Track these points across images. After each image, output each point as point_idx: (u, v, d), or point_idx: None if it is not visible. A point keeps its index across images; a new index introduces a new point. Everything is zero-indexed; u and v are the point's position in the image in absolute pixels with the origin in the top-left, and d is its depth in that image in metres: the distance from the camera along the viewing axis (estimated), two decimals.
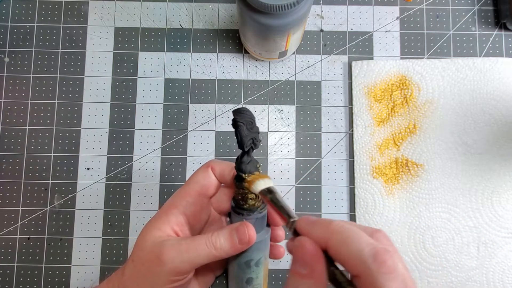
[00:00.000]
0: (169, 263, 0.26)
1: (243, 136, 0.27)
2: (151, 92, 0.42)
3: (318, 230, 0.21)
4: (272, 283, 0.39)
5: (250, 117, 0.27)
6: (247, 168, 0.28)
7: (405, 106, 0.41)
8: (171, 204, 0.29)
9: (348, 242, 0.20)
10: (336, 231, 0.21)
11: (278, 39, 0.35)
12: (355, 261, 0.19)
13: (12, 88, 0.42)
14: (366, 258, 0.19)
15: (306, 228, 0.22)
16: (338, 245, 0.20)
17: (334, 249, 0.20)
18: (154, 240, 0.27)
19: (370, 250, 0.19)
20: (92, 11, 0.43)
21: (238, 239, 0.27)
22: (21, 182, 0.41)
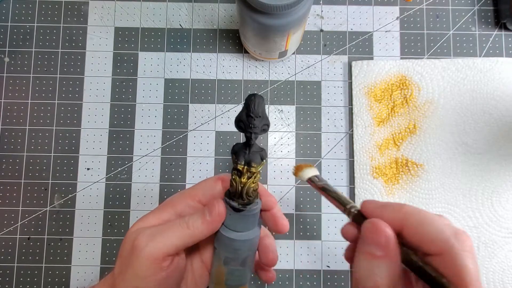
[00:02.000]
0: (143, 249, 0.25)
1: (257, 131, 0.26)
2: (151, 92, 0.42)
3: (391, 212, 0.22)
4: (272, 283, 0.39)
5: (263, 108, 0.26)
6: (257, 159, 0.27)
7: (405, 106, 0.41)
8: (170, 202, 0.29)
9: (428, 223, 0.20)
10: (411, 213, 0.21)
11: (278, 39, 0.35)
12: (438, 240, 0.20)
13: (12, 88, 0.42)
14: (448, 237, 0.20)
15: (376, 210, 0.23)
16: (419, 224, 0.21)
17: (412, 229, 0.21)
18: (133, 231, 0.27)
19: (451, 230, 0.20)
20: (92, 11, 0.43)
21: (208, 212, 0.27)
22: (21, 182, 0.41)
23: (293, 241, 0.40)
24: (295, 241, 0.40)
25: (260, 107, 0.25)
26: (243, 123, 0.26)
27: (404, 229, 0.21)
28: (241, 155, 0.27)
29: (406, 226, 0.21)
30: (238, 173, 0.27)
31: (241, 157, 0.27)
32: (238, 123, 0.26)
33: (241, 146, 0.27)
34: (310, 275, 0.40)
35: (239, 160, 0.27)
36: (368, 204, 0.23)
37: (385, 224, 0.21)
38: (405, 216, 0.21)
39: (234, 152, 0.27)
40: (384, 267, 0.20)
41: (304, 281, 0.40)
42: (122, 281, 0.27)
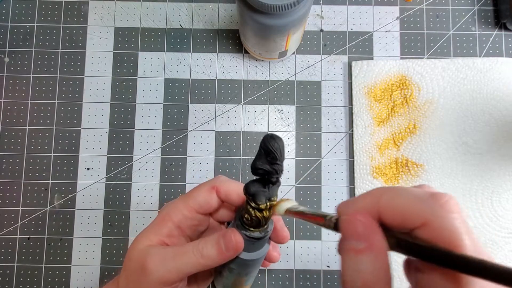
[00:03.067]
0: (154, 272, 0.25)
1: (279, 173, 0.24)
2: (151, 92, 0.42)
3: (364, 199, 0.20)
4: (272, 283, 0.39)
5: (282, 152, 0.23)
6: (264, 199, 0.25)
7: (405, 106, 0.41)
8: (166, 215, 0.29)
9: (402, 194, 0.19)
10: (384, 190, 0.19)
11: (278, 39, 0.35)
12: (417, 209, 0.18)
13: (12, 88, 0.42)
14: (428, 202, 0.18)
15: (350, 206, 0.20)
16: (393, 199, 0.19)
17: (389, 205, 0.19)
18: (141, 249, 0.27)
19: (427, 194, 0.18)
20: (92, 11, 0.43)
21: (225, 246, 0.26)
22: (21, 182, 0.41)
23: (293, 241, 0.40)
24: (295, 241, 0.40)
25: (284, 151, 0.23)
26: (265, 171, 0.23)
27: (381, 212, 0.19)
28: (261, 195, 0.25)
29: (382, 207, 0.19)
30: (259, 211, 0.25)
31: (262, 197, 0.25)
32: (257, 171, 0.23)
33: (259, 185, 0.25)
34: (310, 275, 0.40)
35: (260, 201, 0.25)
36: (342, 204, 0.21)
37: (361, 213, 0.19)
38: (379, 197, 0.19)
39: (252, 195, 0.25)
40: (370, 260, 0.18)
41: (304, 281, 0.40)
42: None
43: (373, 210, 0.19)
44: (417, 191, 0.19)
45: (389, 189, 0.19)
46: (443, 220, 0.17)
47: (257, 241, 0.27)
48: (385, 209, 0.19)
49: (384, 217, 0.19)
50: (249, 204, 0.25)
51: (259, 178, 0.25)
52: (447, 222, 0.17)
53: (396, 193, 0.19)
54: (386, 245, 0.19)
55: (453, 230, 0.17)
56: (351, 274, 0.18)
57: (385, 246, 0.19)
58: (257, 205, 0.25)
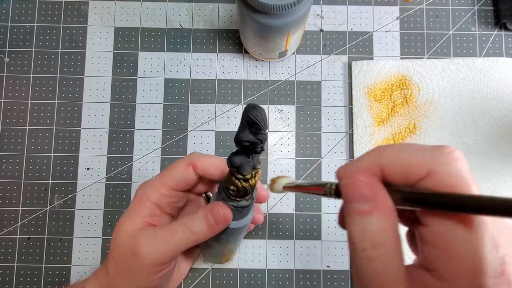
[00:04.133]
0: (147, 256, 0.26)
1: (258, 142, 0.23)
2: (151, 92, 0.42)
3: (365, 159, 0.19)
4: (272, 283, 0.39)
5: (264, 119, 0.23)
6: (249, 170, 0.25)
7: (405, 106, 0.41)
8: (144, 195, 0.28)
9: (404, 148, 0.18)
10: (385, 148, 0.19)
11: (278, 39, 0.35)
12: (420, 160, 0.17)
13: (12, 88, 0.42)
14: (432, 152, 0.17)
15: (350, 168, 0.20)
16: (395, 155, 0.18)
17: (392, 161, 0.18)
18: (128, 234, 0.27)
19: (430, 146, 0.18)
20: (92, 11, 0.43)
21: (214, 219, 0.26)
22: (21, 182, 0.41)
23: (293, 241, 0.40)
24: (295, 241, 0.40)
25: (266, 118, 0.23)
26: (250, 142, 0.23)
27: (384, 169, 0.18)
28: (246, 166, 0.25)
29: (384, 164, 0.18)
30: (245, 181, 0.25)
31: (248, 168, 0.25)
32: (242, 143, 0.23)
33: (243, 155, 0.25)
34: (310, 275, 0.40)
35: (246, 172, 0.25)
36: (342, 169, 0.20)
37: (363, 174, 0.19)
38: (380, 155, 0.19)
39: (237, 167, 0.25)
40: (377, 220, 0.17)
41: (304, 281, 0.40)
42: (121, 281, 0.27)
43: (375, 169, 0.19)
44: (419, 145, 0.18)
45: (391, 146, 0.19)
46: (449, 168, 0.17)
47: (244, 209, 0.27)
48: (388, 165, 0.18)
49: (387, 173, 0.18)
50: (234, 176, 0.25)
51: (242, 149, 0.24)
52: (453, 170, 0.17)
53: (399, 148, 0.18)
54: (392, 203, 0.18)
55: (460, 176, 0.17)
56: (360, 235, 0.18)
57: (392, 204, 0.18)
58: (243, 176, 0.25)
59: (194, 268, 0.39)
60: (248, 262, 0.40)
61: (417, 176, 0.18)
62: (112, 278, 0.27)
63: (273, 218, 0.41)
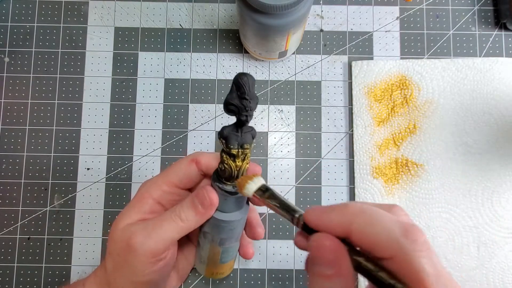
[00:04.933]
0: (140, 247, 0.26)
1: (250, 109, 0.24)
2: (151, 92, 0.42)
3: (335, 217, 0.20)
4: (272, 283, 0.39)
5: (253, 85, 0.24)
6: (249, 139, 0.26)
7: (405, 106, 0.41)
8: (145, 192, 0.28)
9: (374, 223, 0.19)
10: (357, 213, 0.19)
11: (278, 39, 0.35)
12: (385, 243, 0.18)
13: (12, 88, 0.42)
14: (398, 237, 0.18)
15: (319, 219, 0.20)
16: (364, 228, 0.19)
17: (360, 233, 0.19)
18: (123, 229, 0.27)
19: (399, 228, 0.18)
20: (92, 11, 0.43)
21: (200, 204, 0.26)
22: (21, 182, 0.41)
23: (293, 241, 0.40)
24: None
25: (253, 87, 0.24)
26: (235, 106, 0.24)
27: (351, 235, 0.19)
28: (233, 138, 0.25)
29: (353, 231, 0.19)
30: (231, 157, 0.25)
31: (234, 140, 0.25)
32: (228, 107, 0.24)
33: (232, 129, 0.25)
34: None
35: (232, 144, 0.25)
36: (311, 213, 0.21)
37: (329, 238, 0.19)
38: (350, 220, 0.19)
39: (225, 137, 0.25)
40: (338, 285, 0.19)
41: (304, 281, 0.40)
42: (119, 277, 0.27)
43: (343, 230, 0.19)
44: (388, 223, 0.19)
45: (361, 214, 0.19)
46: (411, 258, 0.18)
47: (229, 198, 0.27)
48: (355, 235, 0.19)
49: (353, 240, 0.19)
50: (223, 151, 0.26)
51: (233, 123, 0.25)
52: (414, 261, 0.18)
53: (368, 222, 0.19)
54: (352, 270, 0.19)
55: (419, 269, 0.18)
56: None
57: (352, 271, 0.19)
58: (228, 148, 0.25)
59: (194, 268, 0.39)
60: (248, 262, 0.40)
61: (380, 255, 0.19)
62: (110, 274, 0.27)
63: (273, 218, 0.41)
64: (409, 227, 0.18)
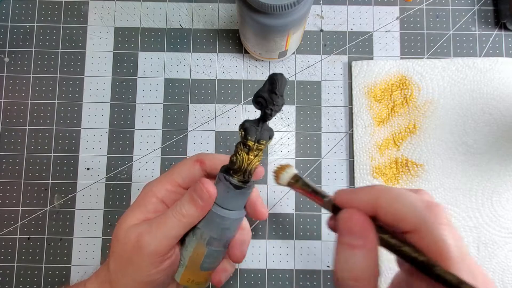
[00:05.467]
0: (146, 247, 0.26)
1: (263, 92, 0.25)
2: (151, 92, 0.42)
3: (363, 196, 0.21)
4: (272, 283, 0.39)
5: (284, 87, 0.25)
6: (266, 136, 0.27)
7: (405, 106, 0.41)
8: (149, 191, 0.29)
9: (400, 199, 0.20)
10: (383, 191, 0.20)
11: (278, 39, 0.35)
12: (410, 216, 0.19)
13: (12, 88, 0.42)
14: (421, 210, 0.19)
15: (348, 198, 0.22)
16: (390, 203, 0.20)
17: (386, 207, 0.20)
18: (128, 229, 0.27)
19: (423, 203, 0.19)
20: (92, 11, 0.43)
21: (199, 197, 0.27)
22: (21, 182, 0.41)
23: (293, 241, 0.40)
24: (295, 241, 0.40)
25: (284, 87, 0.25)
26: (263, 99, 0.25)
27: (378, 211, 0.20)
28: (252, 131, 0.26)
29: (379, 207, 0.20)
30: (246, 149, 0.26)
31: (253, 133, 0.26)
32: (257, 99, 0.25)
33: (253, 122, 0.26)
34: (310, 275, 0.40)
35: (250, 135, 0.26)
36: (341, 194, 0.22)
37: (358, 212, 0.21)
38: (377, 197, 0.20)
39: (245, 128, 0.26)
40: (362, 256, 0.20)
41: (304, 281, 0.40)
42: (122, 277, 0.27)
43: (370, 207, 0.21)
44: (413, 198, 0.20)
45: (388, 191, 0.21)
46: (433, 230, 0.19)
47: (232, 192, 0.27)
48: (382, 210, 0.20)
49: (380, 215, 0.20)
50: (239, 142, 0.26)
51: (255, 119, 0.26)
52: (436, 233, 0.19)
53: (394, 197, 0.20)
54: (377, 243, 0.20)
55: (441, 241, 0.19)
56: (343, 267, 0.20)
57: (377, 244, 0.20)
58: (246, 139, 0.26)
59: None
60: (248, 262, 0.40)
61: (404, 229, 0.20)
62: (113, 274, 0.28)
63: (273, 218, 0.41)
64: (432, 203, 0.19)
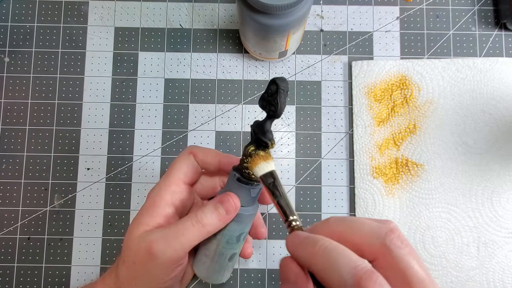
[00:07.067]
0: (162, 255, 0.26)
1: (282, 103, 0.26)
2: (151, 92, 0.42)
3: (302, 253, 0.21)
4: (272, 283, 0.39)
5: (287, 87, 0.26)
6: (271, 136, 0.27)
7: (405, 106, 0.41)
8: (156, 196, 0.29)
9: (331, 269, 0.19)
10: (320, 255, 0.20)
11: (278, 39, 0.35)
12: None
13: (12, 88, 0.42)
14: (348, 286, 0.18)
15: (291, 248, 0.22)
16: (321, 271, 0.20)
17: (317, 275, 0.20)
18: (140, 237, 0.27)
19: (351, 277, 0.18)
20: (92, 11, 0.43)
21: (225, 209, 0.27)
22: (21, 182, 0.41)
23: None
24: None
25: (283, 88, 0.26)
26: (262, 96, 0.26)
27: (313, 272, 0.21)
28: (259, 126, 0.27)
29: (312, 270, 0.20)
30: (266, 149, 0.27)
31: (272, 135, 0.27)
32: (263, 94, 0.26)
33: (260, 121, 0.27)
34: None
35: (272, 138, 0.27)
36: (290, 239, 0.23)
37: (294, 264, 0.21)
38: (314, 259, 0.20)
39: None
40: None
41: None
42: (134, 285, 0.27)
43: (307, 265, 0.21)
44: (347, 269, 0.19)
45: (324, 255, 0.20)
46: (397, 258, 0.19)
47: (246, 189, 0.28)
48: (315, 273, 0.20)
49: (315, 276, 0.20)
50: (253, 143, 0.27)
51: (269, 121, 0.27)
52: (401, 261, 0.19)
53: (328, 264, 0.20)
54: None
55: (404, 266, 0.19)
56: None
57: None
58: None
59: None
60: (248, 262, 0.40)
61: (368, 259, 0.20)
62: (124, 282, 0.27)
63: (273, 218, 0.41)
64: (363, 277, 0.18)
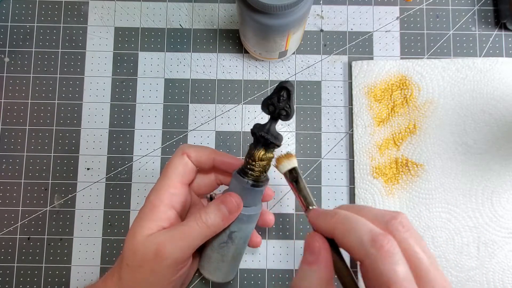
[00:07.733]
0: (169, 257, 0.26)
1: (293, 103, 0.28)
2: (151, 92, 0.42)
3: (323, 222, 0.24)
4: (272, 283, 0.39)
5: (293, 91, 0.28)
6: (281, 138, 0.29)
7: (405, 106, 0.41)
8: (156, 199, 0.29)
9: (350, 232, 0.22)
10: (339, 222, 0.22)
11: (278, 39, 0.35)
12: (357, 249, 0.21)
13: (12, 88, 0.42)
14: (365, 244, 0.21)
15: (313, 220, 0.24)
16: (341, 235, 0.22)
17: (339, 239, 0.22)
18: (145, 240, 0.27)
19: (368, 236, 0.21)
20: (92, 11, 0.43)
21: (228, 209, 0.28)
22: (21, 182, 0.41)
23: (293, 241, 0.40)
24: (295, 241, 0.40)
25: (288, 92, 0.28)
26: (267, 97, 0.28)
27: (334, 238, 0.23)
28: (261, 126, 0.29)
29: (334, 235, 0.23)
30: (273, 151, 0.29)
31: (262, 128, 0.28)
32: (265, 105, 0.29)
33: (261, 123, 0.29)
34: None
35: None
36: (311, 214, 0.25)
37: (318, 236, 0.23)
38: (333, 228, 0.23)
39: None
40: (314, 272, 0.22)
41: None
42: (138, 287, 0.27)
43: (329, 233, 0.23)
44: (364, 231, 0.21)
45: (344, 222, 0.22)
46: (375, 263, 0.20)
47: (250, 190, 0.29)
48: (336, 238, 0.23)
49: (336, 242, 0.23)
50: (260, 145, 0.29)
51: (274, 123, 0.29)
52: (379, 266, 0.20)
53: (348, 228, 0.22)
54: (331, 261, 0.23)
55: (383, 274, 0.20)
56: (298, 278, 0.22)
57: (330, 261, 0.23)
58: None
59: None
60: (248, 262, 0.40)
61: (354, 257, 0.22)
62: (126, 285, 0.28)
63: None
64: (379, 236, 0.21)
